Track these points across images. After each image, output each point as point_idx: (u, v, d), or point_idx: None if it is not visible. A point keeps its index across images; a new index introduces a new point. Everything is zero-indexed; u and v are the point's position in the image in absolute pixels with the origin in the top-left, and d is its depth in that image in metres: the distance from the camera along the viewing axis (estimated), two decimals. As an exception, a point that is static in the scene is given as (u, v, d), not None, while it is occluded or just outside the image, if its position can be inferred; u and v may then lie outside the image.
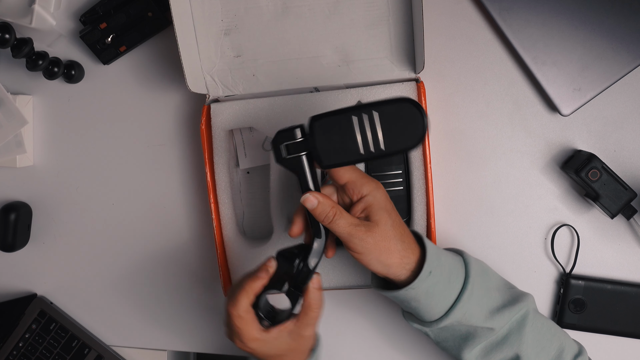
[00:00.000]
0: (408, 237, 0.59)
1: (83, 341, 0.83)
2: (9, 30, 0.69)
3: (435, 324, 0.60)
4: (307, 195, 0.57)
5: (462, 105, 0.74)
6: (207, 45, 0.73)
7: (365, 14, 0.70)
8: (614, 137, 0.72)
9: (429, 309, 0.59)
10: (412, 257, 0.58)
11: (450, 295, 0.59)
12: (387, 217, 0.57)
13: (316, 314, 0.60)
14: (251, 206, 0.78)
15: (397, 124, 0.54)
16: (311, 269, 0.59)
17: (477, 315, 0.59)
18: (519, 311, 0.61)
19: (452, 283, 0.59)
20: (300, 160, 0.57)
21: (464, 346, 0.61)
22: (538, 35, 0.70)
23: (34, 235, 0.84)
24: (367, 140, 0.54)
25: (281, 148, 0.57)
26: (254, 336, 0.59)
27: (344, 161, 0.56)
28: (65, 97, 0.81)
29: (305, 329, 0.61)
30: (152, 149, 0.80)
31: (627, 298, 0.71)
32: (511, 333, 0.60)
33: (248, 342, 0.59)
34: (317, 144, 0.55)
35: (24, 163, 0.81)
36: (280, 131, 0.57)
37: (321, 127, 0.55)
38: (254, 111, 0.72)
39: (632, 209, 0.69)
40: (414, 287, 0.57)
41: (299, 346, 0.62)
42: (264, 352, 0.60)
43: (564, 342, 0.63)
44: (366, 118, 0.54)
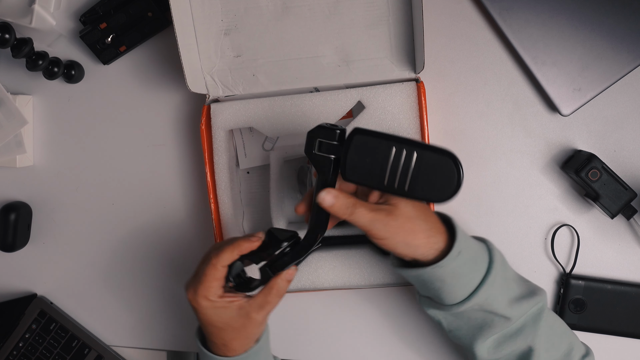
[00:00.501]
0: (432, 217, 0.58)
1: (83, 341, 0.83)
2: (9, 30, 0.69)
3: (456, 308, 0.59)
4: (322, 195, 0.56)
5: (462, 105, 0.74)
6: (207, 45, 0.73)
7: (365, 13, 0.70)
8: (614, 137, 0.72)
9: (453, 290, 0.58)
10: (438, 237, 0.57)
11: (474, 278, 0.58)
12: (407, 199, 0.57)
13: (273, 302, 0.60)
14: (251, 206, 0.78)
15: (430, 173, 0.54)
16: (293, 260, 0.59)
17: (499, 301, 0.59)
18: (536, 304, 0.61)
19: (478, 266, 0.59)
20: (327, 161, 0.56)
21: (477, 336, 0.61)
22: (538, 35, 0.70)
23: (34, 235, 0.84)
24: (394, 176, 0.54)
25: (315, 142, 0.56)
26: (211, 292, 0.59)
27: (364, 183, 0.56)
28: (65, 97, 0.81)
29: (255, 311, 0.59)
30: (152, 149, 0.80)
31: (627, 298, 0.71)
32: (526, 325, 0.60)
33: (201, 297, 0.59)
34: (347, 156, 0.55)
35: (24, 163, 0.81)
36: (321, 126, 0.57)
37: (359, 142, 0.55)
38: (254, 111, 0.72)
39: (632, 209, 0.68)
40: (442, 266, 0.56)
41: (243, 327, 0.60)
42: (208, 316, 0.60)
43: (574, 341, 0.63)
44: (404, 154, 0.53)
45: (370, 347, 0.78)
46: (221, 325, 0.60)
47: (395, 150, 0.53)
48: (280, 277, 0.59)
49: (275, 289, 0.59)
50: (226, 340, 0.61)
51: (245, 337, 0.61)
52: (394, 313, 0.77)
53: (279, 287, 0.59)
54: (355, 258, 0.73)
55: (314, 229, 0.58)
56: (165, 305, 0.83)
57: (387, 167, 0.54)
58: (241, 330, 0.61)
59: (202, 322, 0.61)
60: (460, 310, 0.60)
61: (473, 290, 0.58)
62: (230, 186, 0.74)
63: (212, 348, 0.63)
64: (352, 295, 0.77)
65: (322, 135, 0.56)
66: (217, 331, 0.61)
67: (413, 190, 0.54)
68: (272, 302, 0.60)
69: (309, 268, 0.73)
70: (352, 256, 0.73)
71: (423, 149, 0.53)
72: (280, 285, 0.59)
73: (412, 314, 0.77)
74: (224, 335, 0.61)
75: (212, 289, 0.59)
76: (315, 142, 0.57)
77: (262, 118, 0.72)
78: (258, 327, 0.61)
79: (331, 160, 0.56)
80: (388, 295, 0.77)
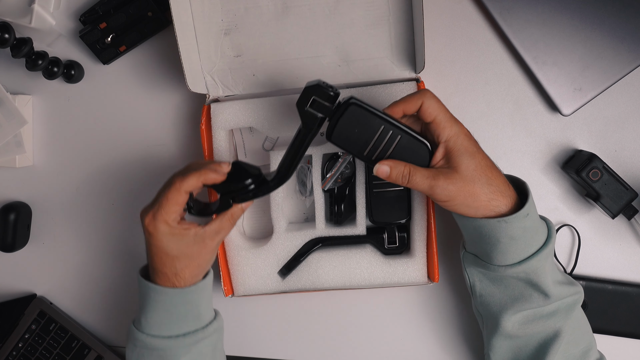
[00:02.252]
0: (497, 179, 0.58)
1: (83, 341, 0.83)
2: (9, 30, 0.68)
3: (503, 270, 0.59)
4: (377, 166, 0.59)
5: (462, 105, 0.74)
6: (207, 45, 0.73)
7: (366, 13, 0.70)
8: (614, 137, 0.72)
9: (507, 250, 0.58)
10: (502, 200, 0.58)
11: (531, 246, 0.59)
12: (469, 162, 0.57)
13: (227, 228, 0.62)
14: (251, 206, 0.78)
15: (406, 155, 0.59)
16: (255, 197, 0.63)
17: (546, 276, 0.59)
18: (575, 294, 0.61)
19: (538, 236, 0.59)
20: (315, 119, 0.60)
21: (509, 306, 0.61)
22: (539, 35, 0.70)
23: (34, 236, 0.84)
24: (375, 150, 0.60)
25: (310, 99, 0.59)
26: (171, 217, 0.59)
27: (346, 148, 0.61)
28: (65, 97, 0.81)
29: (210, 237, 0.61)
30: (152, 149, 0.80)
31: (628, 298, 0.71)
32: (560, 310, 0.60)
33: (160, 221, 0.59)
34: (338, 122, 0.59)
35: (24, 163, 0.81)
36: (319, 84, 0.59)
37: (352, 113, 0.59)
38: (254, 111, 0.72)
39: (633, 209, 0.68)
40: (508, 221, 0.57)
41: (197, 254, 0.61)
42: (163, 243, 0.59)
43: (592, 343, 0.64)
44: (389, 134, 0.59)
45: (370, 347, 0.78)
46: (175, 253, 0.60)
47: (383, 128, 0.59)
48: (238, 208, 0.62)
49: (230, 216, 0.62)
50: (178, 269, 0.60)
51: (197, 266, 0.61)
52: (394, 313, 0.77)
53: (234, 215, 0.62)
54: (355, 258, 0.73)
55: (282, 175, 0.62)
56: (165, 305, 0.82)
57: (371, 141, 0.59)
58: (195, 258, 0.61)
59: (155, 250, 0.60)
60: (505, 274, 0.60)
61: (528, 257, 0.58)
62: (230, 186, 0.74)
63: (158, 281, 0.61)
64: (352, 295, 0.77)
65: (317, 94, 0.59)
66: (170, 260, 0.60)
67: None
68: (226, 229, 0.62)
69: (309, 268, 0.73)
70: (352, 256, 0.73)
71: (406, 134, 0.59)
72: (236, 213, 0.62)
73: (413, 314, 0.77)
74: (177, 264, 0.60)
75: (172, 214, 0.59)
76: (309, 99, 0.59)
77: (262, 118, 0.72)
78: (210, 254, 0.62)
79: (319, 119, 0.60)
80: (388, 295, 0.77)
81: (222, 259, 0.74)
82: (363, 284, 0.73)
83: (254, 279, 0.74)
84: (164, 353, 0.62)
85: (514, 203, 0.59)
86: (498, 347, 0.63)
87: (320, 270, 0.73)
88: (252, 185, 0.62)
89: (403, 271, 0.72)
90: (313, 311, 0.79)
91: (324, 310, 0.79)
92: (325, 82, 0.60)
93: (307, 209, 0.77)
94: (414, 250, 0.71)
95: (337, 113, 0.59)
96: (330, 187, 0.72)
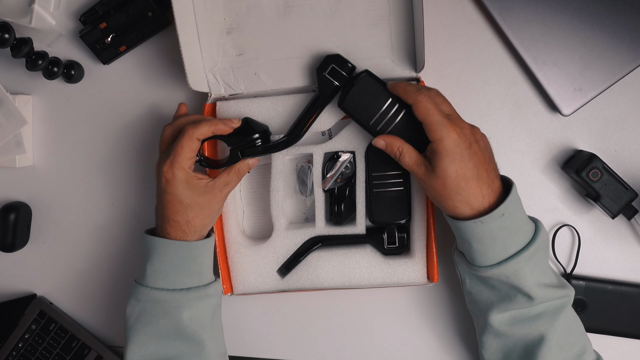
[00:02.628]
0: (468, 191, 0.59)
1: (83, 341, 0.83)
2: (9, 30, 0.68)
3: (483, 270, 0.60)
4: (376, 139, 0.64)
5: (462, 105, 0.73)
6: (209, 44, 0.73)
7: (366, 13, 0.70)
8: (614, 137, 0.72)
9: (486, 251, 0.59)
10: (467, 210, 0.59)
11: (510, 247, 0.59)
12: (446, 166, 0.58)
13: (234, 181, 0.67)
14: (251, 205, 0.78)
15: (408, 130, 0.64)
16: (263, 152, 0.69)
17: (527, 279, 0.59)
18: (563, 297, 0.61)
19: (518, 237, 0.59)
20: (331, 85, 0.67)
21: (495, 305, 0.61)
22: (539, 35, 0.70)
23: (34, 236, 0.84)
24: (381, 121, 0.64)
25: (329, 66, 0.67)
26: (187, 164, 0.63)
27: (354, 116, 0.66)
28: (65, 97, 0.81)
29: (219, 188, 0.65)
30: (152, 148, 0.80)
31: (628, 298, 0.71)
32: (546, 313, 0.60)
33: (178, 168, 0.63)
34: (352, 89, 0.65)
35: (24, 163, 0.81)
36: (339, 55, 0.68)
37: (365, 82, 0.65)
38: (255, 110, 0.72)
39: (633, 209, 0.68)
40: (483, 222, 0.58)
41: (207, 203, 0.65)
42: (179, 190, 0.63)
43: (587, 346, 0.63)
44: (395, 107, 0.64)
45: (370, 347, 0.78)
46: (188, 201, 0.64)
47: (391, 101, 0.64)
48: (245, 162, 0.67)
49: (237, 170, 0.67)
50: (190, 217, 0.64)
51: (207, 215, 0.65)
52: (393, 313, 0.77)
53: (241, 169, 0.67)
54: (355, 258, 0.73)
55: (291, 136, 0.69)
56: (165, 305, 0.82)
57: (378, 111, 0.64)
58: (205, 207, 0.65)
59: (169, 198, 0.64)
60: (486, 275, 0.60)
61: (505, 258, 0.59)
62: (230, 186, 0.74)
63: (169, 229, 0.65)
64: (352, 295, 0.77)
65: (337, 63, 0.67)
66: (183, 208, 0.64)
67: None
68: (233, 182, 0.67)
69: (309, 268, 0.73)
70: (352, 256, 0.73)
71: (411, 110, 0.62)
72: (243, 169, 0.67)
73: (412, 314, 0.77)
74: (189, 212, 0.64)
75: (187, 161, 0.63)
76: (329, 66, 0.67)
77: (263, 117, 0.72)
78: (218, 205, 0.66)
79: (334, 86, 0.67)
80: (388, 295, 0.77)
81: (222, 257, 0.74)
82: (362, 283, 0.73)
83: (253, 277, 0.74)
84: (167, 305, 0.64)
85: (492, 204, 0.59)
86: (489, 345, 0.64)
87: (320, 270, 0.73)
88: (259, 140, 0.68)
89: (402, 271, 0.72)
90: (312, 311, 0.79)
91: (323, 310, 0.79)
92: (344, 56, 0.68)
93: (307, 209, 0.77)
94: (414, 251, 0.71)
95: (350, 81, 0.66)
96: (331, 187, 0.72)
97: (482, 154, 0.60)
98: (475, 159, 0.59)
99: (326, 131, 0.73)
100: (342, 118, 0.72)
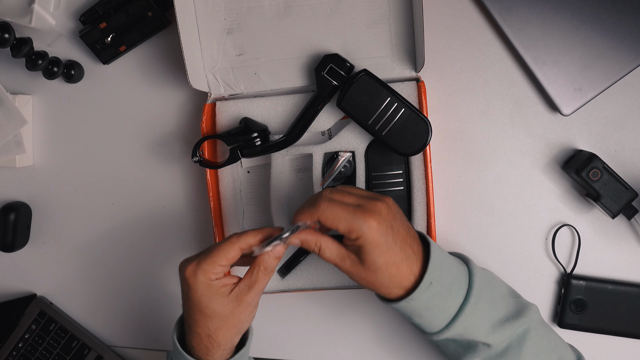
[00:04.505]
0: (400, 275, 0.56)
1: (83, 341, 0.83)
2: (9, 30, 0.68)
3: (436, 336, 0.59)
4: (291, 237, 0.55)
5: (462, 105, 0.74)
6: (210, 44, 0.73)
7: (366, 13, 0.70)
8: (614, 136, 0.72)
9: (429, 321, 0.58)
10: (399, 291, 0.57)
11: (451, 307, 0.57)
12: (375, 260, 0.54)
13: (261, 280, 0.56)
14: (251, 205, 0.78)
15: (407, 129, 0.65)
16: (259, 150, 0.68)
17: (479, 328, 0.58)
18: (521, 326, 0.59)
19: (454, 294, 0.57)
20: (329, 84, 0.68)
21: (464, 356, 0.60)
22: (539, 35, 0.70)
23: (34, 236, 0.84)
24: (379, 120, 0.65)
25: (327, 65, 0.68)
26: (215, 270, 0.55)
27: (353, 115, 0.66)
28: (65, 97, 0.81)
29: (244, 292, 0.56)
30: (152, 148, 0.80)
31: (628, 298, 0.71)
32: (511, 347, 0.59)
33: (202, 271, 0.55)
34: (350, 88, 0.66)
35: (24, 163, 0.81)
36: (339, 55, 0.68)
37: (364, 81, 0.66)
38: (255, 110, 0.72)
39: (633, 209, 0.68)
40: (414, 299, 0.56)
41: (231, 313, 0.57)
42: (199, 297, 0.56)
43: (563, 355, 0.62)
44: (394, 106, 0.65)
45: (370, 347, 0.78)
46: (209, 313, 0.57)
47: (389, 100, 0.65)
48: (267, 254, 0.56)
49: (262, 266, 0.56)
50: (211, 331, 0.57)
51: (232, 327, 0.58)
52: (394, 313, 0.77)
53: (266, 264, 0.56)
54: (356, 258, 0.73)
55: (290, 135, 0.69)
56: (165, 305, 0.82)
57: (376, 111, 0.65)
58: (229, 318, 0.57)
59: (190, 305, 0.57)
60: (440, 339, 0.59)
61: (451, 320, 0.57)
62: (230, 185, 0.74)
63: (193, 341, 0.59)
64: (352, 295, 0.77)
65: (335, 62, 0.68)
66: (204, 319, 0.57)
67: (388, 136, 0.66)
68: (260, 281, 0.57)
69: (309, 268, 0.73)
70: (353, 256, 0.73)
71: (409, 109, 0.65)
72: (267, 262, 0.56)
73: (413, 314, 0.77)
74: (210, 325, 0.57)
75: (217, 268, 0.56)
76: (327, 66, 0.68)
77: (263, 117, 0.72)
78: (245, 313, 0.58)
79: (332, 86, 0.68)
80: (388, 296, 0.77)
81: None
82: (363, 284, 0.73)
83: (254, 278, 0.74)
84: None
85: (417, 275, 0.57)
86: None
87: (320, 270, 0.73)
88: (258, 139, 0.68)
89: (403, 271, 0.72)
90: (312, 311, 0.79)
91: (323, 310, 0.79)
92: (342, 55, 0.68)
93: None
94: (414, 250, 0.71)
95: (349, 81, 0.66)
96: (329, 185, 0.72)
97: (402, 228, 0.57)
98: (400, 240, 0.56)
99: (326, 131, 0.73)
100: (341, 118, 0.72)
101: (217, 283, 0.56)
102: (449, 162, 0.74)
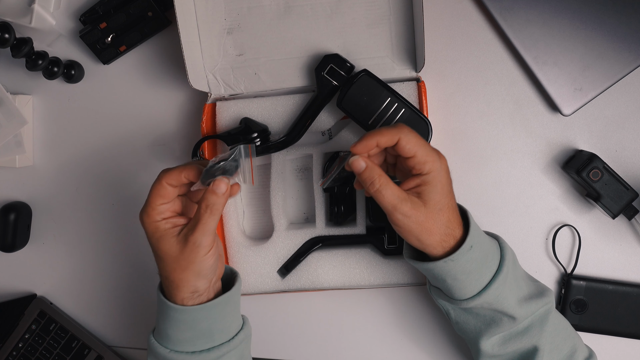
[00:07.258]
0: (454, 222, 0.57)
1: (83, 341, 0.83)
2: (9, 30, 0.68)
3: (465, 303, 0.59)
4: (356, 157, 0.54)
5: (462, 105, 0.74)
6: (210, 44, 0.73)
7: (367, 13, 0.70)
8: (615, 137, 0.72)
9: (463, 285, 0.58)
10: (451, 242, 0.57)
11: (485, 275, 0.58)
12: (440, 199, 0.55)
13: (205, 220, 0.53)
14: (251, 205, 0.78)
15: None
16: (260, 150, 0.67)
17: (508, 299, 0.59)
18: (545, 305, 0.61)
19: (489, 263, 0.58)
20: (329, 84, 0.68)
21: (484, 332, 0.61)
22: (539, 35, 0.69)
23: (34, 235, 0.84)
24: (380, 120, 0.65)
25: (328, 65, 0.68)
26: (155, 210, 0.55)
27: (353, 116, 0.66)
28: (65, 97, 0.81)
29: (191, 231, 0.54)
30: (152, 148, 0.80)
31: (628, 298, 0.71)
32: (533, 325, 0.60)
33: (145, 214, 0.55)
34: (350, 88, 0.66)
35: (24, 163, 0.81)
36: (338, 54, 0.68)
37: (364, 81, 0.66)
38: (255, 110, 0.72)
39: (633, 209, 0.68)
40: (454, 259, 0.56)
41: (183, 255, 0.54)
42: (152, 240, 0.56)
43: (577, 343, 0.63)
44: (394, 107, 0.65)
45: (370, 347, 0.78)
46: (160, 254, 0.56)
47: (389, 100, 0.65)
48: (209, 190, 0.53)
49: (203, 203, 0.53)
50: (168, 272, 0.56)
51: (185, 268, 0.55)
52: (394, 313, 0.77)
53: (207, 201, 0.53)
54: (355, 258, 0.73)
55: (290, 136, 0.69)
56: (165, 305, 0.82)
57: (376, 111, 0.65)
58: (179, 259, 0.55)
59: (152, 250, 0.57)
60: (469, 306, 0.60)
61: (483, 287, 0.58)
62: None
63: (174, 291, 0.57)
64: (352, 295, 0.77)
65: (335, 62, 0.68)
66: (159, 261, 0.56)
67: None
68: (205, 219, 0.53)
69: (309, 268, 0.73)
70: (352, 256, 0.73)
71: (409, 109, 0.66)
72: (208, 199, 0.53)
73: (413, 314, 0.77)
74: (164, 266, 0.56)
75: (156, 208, 0.55)
76: (327, 66, 0.68)
77: (263, 117, 0.72)
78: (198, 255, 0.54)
79: (333, 86, 0.68)
80: (388, 295, 0.77)
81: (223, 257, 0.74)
82: (363, 284, 0.73)
83: (253, 277, 0.74)
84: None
85: (461, 234, 0.58)
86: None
87: (320, 270, 0.73)
88: (258, 139, 0.68)
89: (403, 272, 0.72)
90: (312, 311, 0.79)
91: (323, 310, 0.79)
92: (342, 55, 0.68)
93: (307, 209, 0.76)
94: (414, 251, 0.71)
95: (349, 81, 0.66)
96: (329, 185, 0.72)
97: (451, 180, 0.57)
98: (452, 188, 0.57)
99: (326, 131, 0.73)
100: (341, 118, 0.72)
101: (165, 223, 0.55)
102: (449, 162, 0.73)
